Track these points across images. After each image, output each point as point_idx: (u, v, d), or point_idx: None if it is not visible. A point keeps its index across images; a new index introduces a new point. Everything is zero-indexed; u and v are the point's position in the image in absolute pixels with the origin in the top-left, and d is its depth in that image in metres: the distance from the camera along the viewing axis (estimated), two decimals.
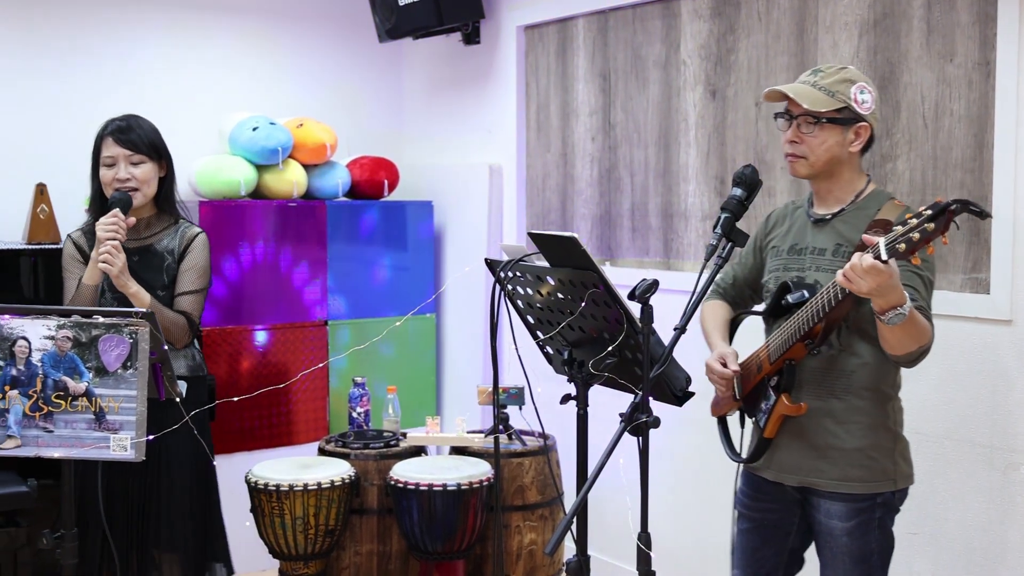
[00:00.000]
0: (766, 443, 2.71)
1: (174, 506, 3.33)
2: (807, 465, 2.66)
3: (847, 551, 2.62)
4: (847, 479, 2.61)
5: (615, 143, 4.41)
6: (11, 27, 4.56)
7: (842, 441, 2.61)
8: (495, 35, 4.94)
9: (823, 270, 2.62)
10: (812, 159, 2.61)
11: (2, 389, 2.60)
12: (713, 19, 3.96)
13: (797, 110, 2.61)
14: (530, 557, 4.05)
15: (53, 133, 4.62)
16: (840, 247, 2.61)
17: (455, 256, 5.18)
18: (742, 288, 2.95)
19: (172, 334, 3.26)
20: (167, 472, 3.31)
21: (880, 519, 2.62)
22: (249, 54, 5.14)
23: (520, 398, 4.08)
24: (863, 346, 2.59)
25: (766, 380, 2.70)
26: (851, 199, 2.65)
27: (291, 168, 4.74)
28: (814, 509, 2.68)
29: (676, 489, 4.08)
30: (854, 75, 2.60)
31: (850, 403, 2.60)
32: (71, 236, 3.40)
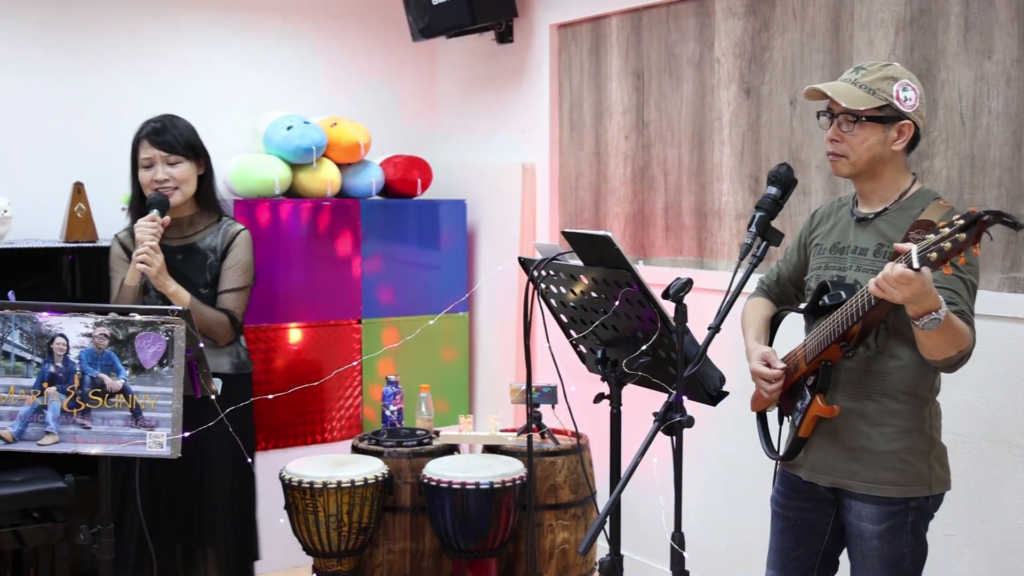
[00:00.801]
0: (801, 442, 2.69)
1: (216, 501, 3.35)
2: (840, 466, 2.64)
3: (877, 554, 2.60)
4: (879, 481, 2.58)
5: (648, 142, 4.40)
6: (48, 27, 4.61)
7: (875, 443, 2.58)
8: (528, 34, 4.94)
9: (864, 270, 2.59)
10: (853, 158, 2.58)
11: (40, 386, 2.62)
12: (747, 17, 3.93)
13: (837, 108, 2.57)
14: (563, 556, 4.04)
15: (90, 132, 4.66)
16: (882, 247, 2.57)
17: (488, 255, 5.18)
18: (786, 286, 2.93)
19: (215, 332, 3.29)
20: (209, 468, 3.34)
21: (913, 523, 2.59)
22: (284, 53, 5.17)
23: (553, 397, 4.08)
24: (902, 349, 2.55)
25: (803, 379, 2.68)
26: (895, 198, 2.61)
27: (325, 167, 4.76)
28: (846, 511, 2.66)
29: (710, 489, 4.06)
30: (897, 72, 2.56)
31: (885, 405, 2.58)
32: (118, 236, 3.44)
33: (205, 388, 2.75)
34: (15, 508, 3.84)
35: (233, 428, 2.98)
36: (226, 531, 3.38)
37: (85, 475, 4.00)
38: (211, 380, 2.77)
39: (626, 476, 2.32)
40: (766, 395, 2.73)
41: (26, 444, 2.64)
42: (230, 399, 3.13)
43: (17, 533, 3.84)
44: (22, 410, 2.62)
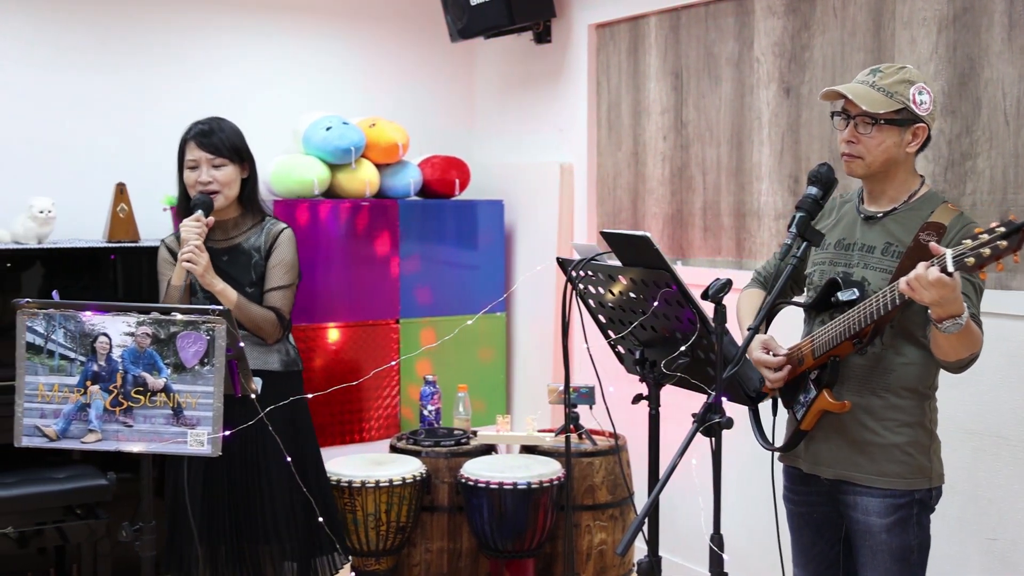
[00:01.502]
0: (801, 435, 2.71)
1: (275, 500, 3.37)
2: (844, 459, 2.65)
3: (887, 548, 2.60)
4: (884, 474, 2.60)
5: (687, 142, 4.38)
6: (91, 30, 4.67)
7: (880, 437, 2.61)
8: (566, 34, 4.93)
9: (871, 268, 2.61)
10: (869, 159, 2.60)
11: (84, 384, 2.65)
12: (787, 16, 3.91)
13: (855, 110, 2.59)
14: (600, 557, 4.03)
15: (132, 134, 4.72)
16: (890, 246, 2.60)
17: (526, 255, 5.18)
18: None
19: (263, 330, 3.32)
20: (264, 466, 3.36)
21: (918, 516, 2.62)
22: (323, 54, 5.20)
23: (590, 397, 4.07)
24: (907, 346, 2.58)
25: (806, 373, 2.68)
26: (905, 199, 2.64)
27: (363, 167, 4.78)
28: (851, 508, 2.66)
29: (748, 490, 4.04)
30: (913, 75, 2.58)
31: (889, 401, 2.60)
32: (164, 241, 3.49)
33: (245, 387, 2.77)
34: (59, 505, 3.89)
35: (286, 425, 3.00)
36: (288, 528, 3.39)
37: (127, 473, 4.04)
38: (251, 379, 2.79)
39: (665, 477, 2.31)
40: (770, 383, 2.73)
41: (69, 442, 2.67)
42: (281, 397, 3.15)
43: (60, 530, 3.89)
44: (66, 408, 2.66)
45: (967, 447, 3.25)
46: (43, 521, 3.87)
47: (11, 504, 3.80)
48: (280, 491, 3.38)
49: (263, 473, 3.37)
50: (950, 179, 3.37)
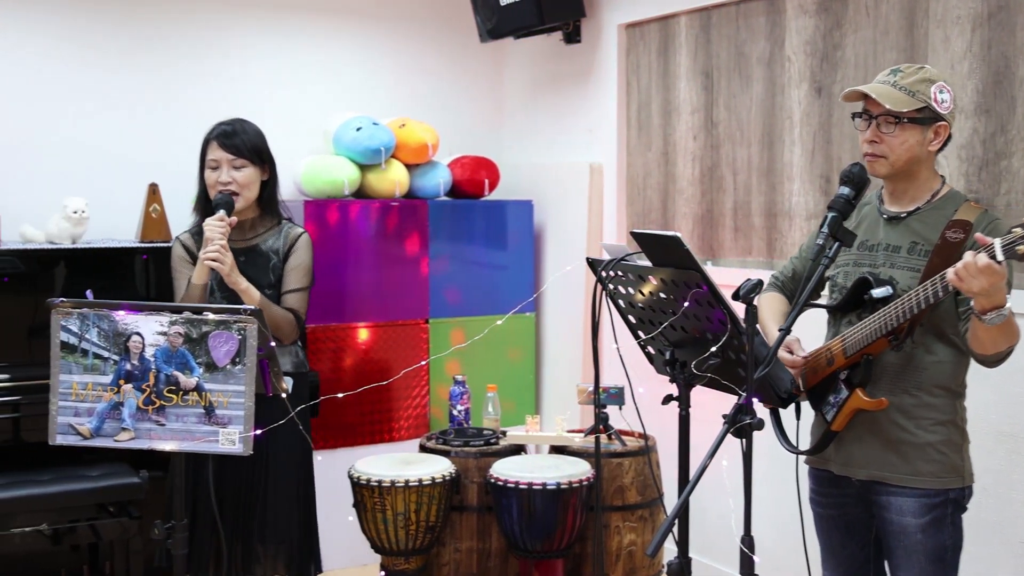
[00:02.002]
0: (831, 436, 2.70)
1: (280, 500, 3.40)
2: (877, 459, 2.64)
3: (922, 548, 2.59)
4: (919, 473, 2.59)
5: (717, 141, 4.36)
6: (125, 32, 4.70)
7: (914, 436, 2.60)
8: (596, 34, 4.93)
9: (898, 267, 2.61)
10: (892, 158, 2.60)
11: (117, 383, 2.68)
12: (819, 14, 3.88)
13: (877, 110, 2.60)
14: (629, 558, 4.02)
15: (164, 135, 4.75)
16: (916, 245, 2.60)
17: (555, 255, 5.17)
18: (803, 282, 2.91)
19: (282, 330, 3.35)
20: (273, 466, 3.39)
21: (952, 515, 2.61)
22: (353, 55, 5.22)
23: (620, 398, 4.06)
24: (938, 344, 2.58)
25: (836, 373, 2.66)
26: (927, 198, 2.64)
27: (393, 168, 4.80)
28: (883, 509, 2.65)
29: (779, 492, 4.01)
30: (933, 74, 2.59)
31: (921, 399, 2.60)
32: (179, 238, 3.51)
33: (276, 386, 2.78)
34: (92, 503, 3.92)
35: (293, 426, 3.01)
36: (290, 528, 3.42)
37: (159, 471, 4.07)
38: (282, 378, 2.80)
39: (695, 478, 2.30)
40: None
41: (103, 440, 2.70)
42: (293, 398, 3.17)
43: (94, 527, 3.92)
44: (99, 407, 2.68)
45: (1002, 449, 3.22)
46: (76, 519, 3.90)
47: (45, 501, 3.84)
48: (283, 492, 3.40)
49: (267, 473, 3.39)
50: (984, 179, 3.34)
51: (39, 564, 4.21)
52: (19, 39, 4.51)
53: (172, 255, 3.49)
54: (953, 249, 2.46)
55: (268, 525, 3.40)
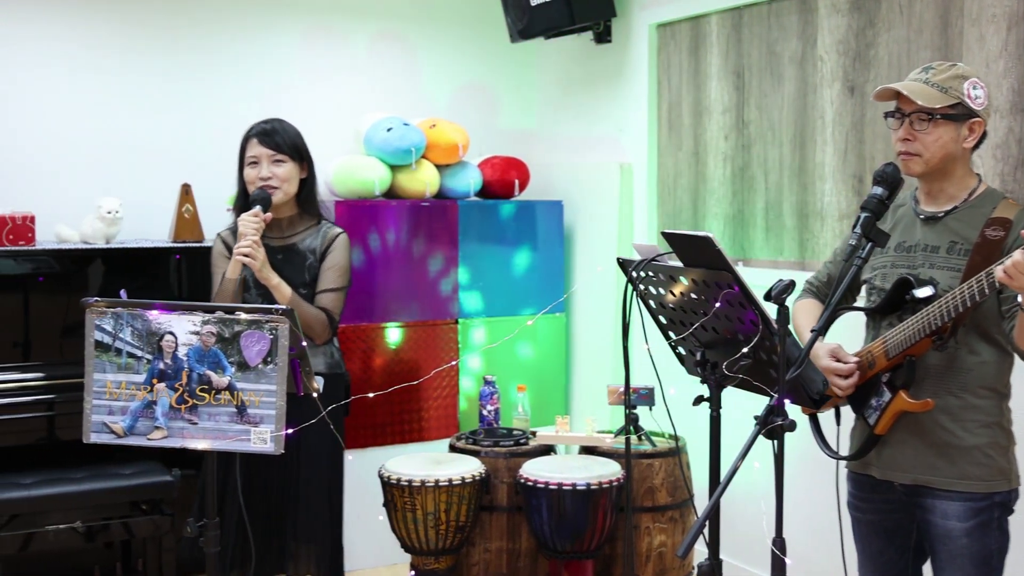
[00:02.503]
0: (874, 440, 2.67)
1: (312, 498, 3.42)
2: (922, 463, 2.61)
3: (967, 553, 2.56)
4: (965, 477, 2.56)
5: (749, 141, 4.34)
6: (156, 34, 4.74)
7: (960, 439, 2.57)
8: (627, 34, 4.92)
9: (938, 267, 2.58)
10: (927, 156, 2.58)
11: (150, 382, 2.70)
12: (852, 13, 3.86)
13: (909, 107, 2.57)
14: (660, 559, 4.01)
15: (197, 135, 4.78)
16: (955, 244, 2.57)
17: (585, 255, 5.17)
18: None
19: (313, 329, 3.36)
20: (305, 465, 3.40)
21: (998, 519, 2.58)
22: (383, 56, 5.23)
23: (650, 398, 4.05)
24: (982, 345, 2.55)
25: (878, 376, 2.64)
26: (964, 197, 2.61)
27: (424, 168, 4.81)
28: (928, 512, 2.62)
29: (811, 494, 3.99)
30: (966, 71, 2.57)
31: (967, 401, 2.56)
32: (220, 235, 3.54)
33: (307, 386, 2.80)
34: (125, 500, 3.96)
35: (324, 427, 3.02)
36: (322, 527, 3.43)
37: (190, 469, 4.10)
38: (313, 378, 2.82)
39: (726, 480, 2.29)
40: (840, 392, 2.69)
41: (136, 438, 2.72)
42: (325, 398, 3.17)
43: (126, 525, 3.96)
44: (133, 405, 2.70)
45: None
46: (110, 516, 3.94)
47: (79, 499, 3.88)
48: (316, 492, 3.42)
49: (300, 472, 3.40)
50: (1020, 179, 3.31)
51: (73, 561, 4.25)
52: (54, 42, 4.56)
53: (212, 251, 3.53)
54: (994, 247, 2.43)
55: (300, 524, 3.42)
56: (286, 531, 3.42)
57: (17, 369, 4.09)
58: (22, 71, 4.50)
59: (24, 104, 4.51)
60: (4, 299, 4.14)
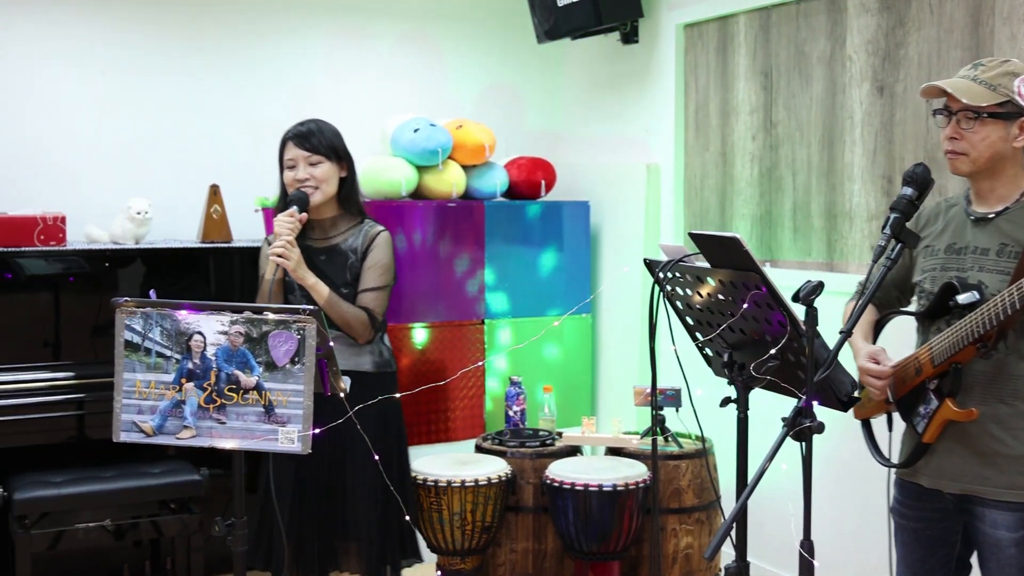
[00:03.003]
0: (923, 448, 2.62)
1: (359, 498, 3.42)
2: (971, 472, 2.56)
3: (1015, 563, 2.52)
4: (1015, 487, 2.51)
5: (776, 142, 4.32)
6: (185, 36, 4.77)
7: (1009, 447, 2.52)
8: (654, 34, 4.90)
9: (987, 270, 2.53)
10: (973, 155, 2.52)
11: (179, 382, 2.71)
12: (881, 13, 3.83)
13: (956, 105, 2.52)
14: (686, 561, 4.00)
15: (225, 136, 4.81)
16: (1005, 247, 2.52)
17: (611, 256, 5.16)
18: (889, 289, 2.83)
19: (354, 329, 3.37)
20: (350, 464, 3.41)
21: None
22: (410, 57, 5.24)
23: (677, 400, 4.04)
24: None
25: (925, 383, 2.60)
26: (1016, 197, 2.55)
27: (450, 169, 4.81)
28: (977, 520, 2.57)
29: (839, 497, 3.97)
30: (1018, 68, 2.50)
31: (1018, 408, 2.51)
32: (268, 238, 3.57)
33: (334, 386, 2.80)
34: (154, 499, 3.99)
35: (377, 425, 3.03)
36: (369, 527, 3.43)
37: (218, 468, 4.13)
38: (340, 378, 2.82)
39: (753, 481, 2.28)
40: (874, 394, 2.66)
41: (165, 437, 2.73)
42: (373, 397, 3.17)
43: (155, 523, 3.99)
44: (162, 405, 2.72)
45: None
46: (139, 515, 3.97)
47: (109, 497, 3.91)
48: (364, 490, 3.42)
49: (348, 472, 3.41)
50: None
51: (102, 559, 4.29)
52: (86, 43, 4.60)
53: (260, 254, 3.57)
54: None
55: (348, 523, 3.42)
56: (335, 530, 3.43)
57: (48, 368, 4.13)
58: (53, 72, 4.55)
59: (55, 105, 4.55)
60: (35, 299, 4.18)
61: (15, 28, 4.47)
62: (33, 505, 3.79)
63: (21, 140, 4.50)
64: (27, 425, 4.01)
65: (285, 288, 3.39)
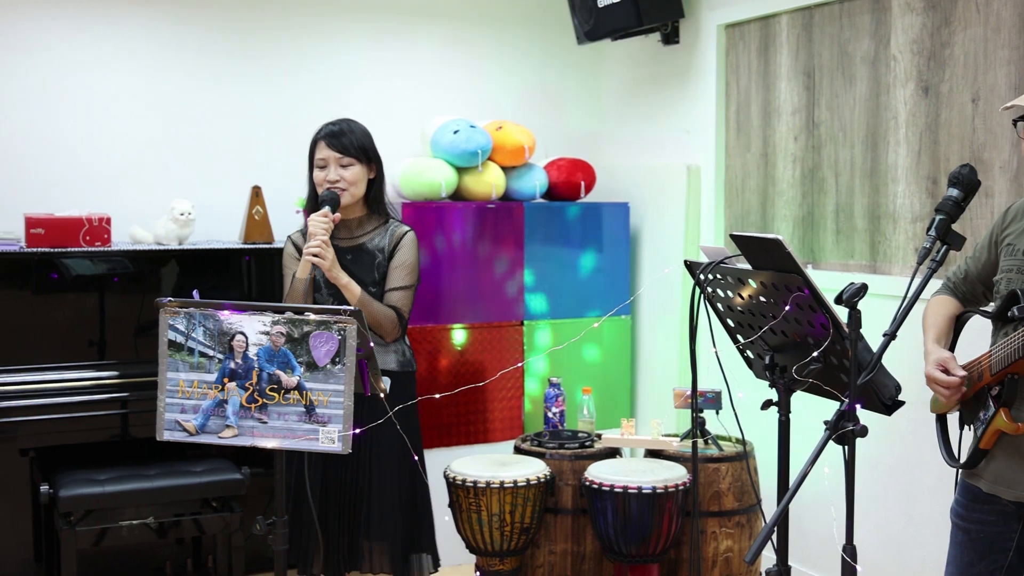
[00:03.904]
0: (981, 453, 2.58)
1: (384, 497, 3.44)
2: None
3: None
4: None
5: (819, 143, 4.29)
6: (227, 38, 4.81)
7: None
8: (695, 34, 4.88)
9: None
10: None
11: (221, 381, 2.74)
12: (927, 12, 3.79)
13: None
14: (726, 564, 3.98)
15: (267, 138, 4.85)
16: None
17: (651, 257, 5.14)
18: (974, 284, 2.78)
19: (383, 328, 3.39)
20: (377, 464, 3.43)
21: None
22: (450, 58, 5.26)
23: (717, 402, 4.02)
24: None
25: (987, 388, 2.56)
26: None
27: (490, 170, 4.82)
28: None
29: (882, 501, 3.93)
30: None
31: None
32: (291, 237, 3.59)
33: (374, 386, 2.82)
34: (196, 498, 4.02)
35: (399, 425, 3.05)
36: (394, 526, 3.46)
37: (259, 468, 4.16)
38: (380, 378, 2.83)
39: (795, 485, 2.26)
40: (943, 401, 2.62)
41: (207, 436, 2.76)
42: (395, 396, 3.21)
43: (197, 522, 4.02)
44: (204, 404, 2.74)
45: None
46: (181, 513, 4.00)
47: (152, 495, 3.95)
48: (387, 489, 3.44)
49: (373, 471, 3.43)
50: None
51: (145, 556, 4.33)
52: (130, 46, 4.65)
53: (283, 253, 3.58)
54: None
55: (372, 522, 3.44)
56: (358, 529, 3.45)
57: (92, 367, 4.18)
58: (99, 75, 4.60)
59: (102, 108, 4.61)
60: (80, 299, 4.23)
61: (64, 31, 4.53)
62: (78, 502, 3.83)
63: (68, 143, 4.56)
64: (73, 424, 4.06)
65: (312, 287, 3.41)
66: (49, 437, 4.04)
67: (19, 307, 4.12)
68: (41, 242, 4.11)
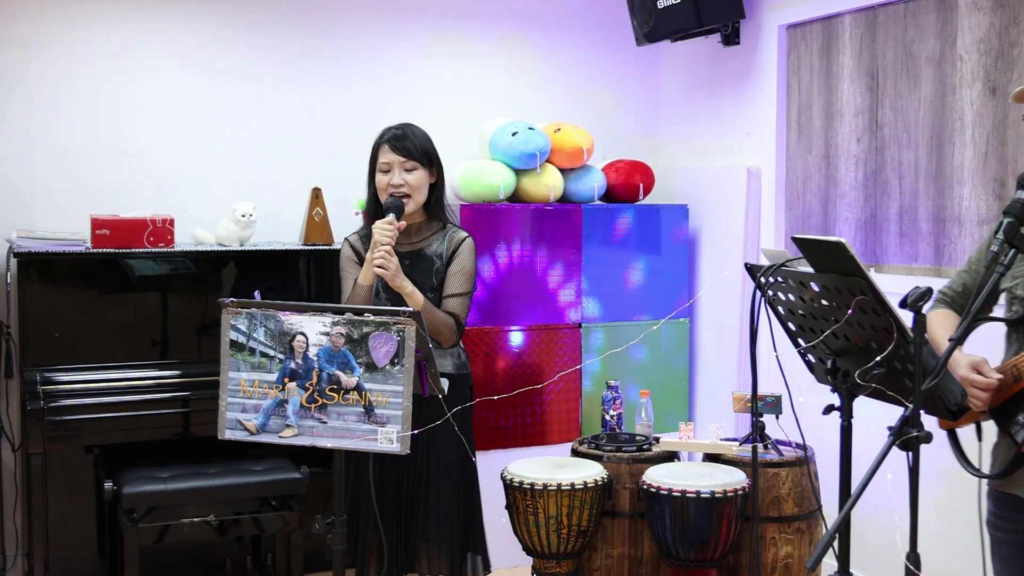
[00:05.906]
0: (1021, 458, 2.52)
1: (440, 499, 3.45)
2: None
3: None
4: None
5: (882, 144, 4.22)
6: (288, 43, 4.86)
7: None
8: (755, 35, 4.84)
9: None
10: None
11: (282, 381, 2.76)
12: (994, 11, 3.72)
13: None
14: (785, 570, 3.93)
15: (327, 140, 4.89)
16: None
17: (709, 260, 5.10)
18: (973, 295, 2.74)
19: (442, 334, 3.39)
20: (434, 466, 3.44)
21: None
22: (509, 61, 5.26)
23: (777, 407, 3.97)
24: None
25: (1021, 393, 2.51)
26: None
27: (548, 172, 4.81)
28: None
29: (946, 508, 3.86)
30: None
31: None
32: (348, 239, 3.60)
33: (433, 387, 2.83)
34: (256, 496, 4.07)
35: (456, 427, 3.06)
36: (451, 528, 3.46)
37: (318, 467, 4.19)
38: (439, 380, 2.84)
39: (858, 491, 2.23)
40: (976, 405, 2.57)
41: (268, 436, 2.78)
42: (451, 398, 3.22)
43: (257, 520, 4.06)
44: (265, 403, 2.77)
45: None
46: (241, 511, 4.05)
47: (213, 494, 3.99)
48: (444, 491, 3.45)
49: (430, 473, 3.44)
50: None
51: (206, 554, 4.39)
52: (193, 50, 4.72)
53: (340, 255, 3.58)
54: None
55: (430, 524, 3.45)
56: (415, 531, 3.46)
57: (155, 366, 4.25)
58: (164, 78, 4.67)
59: (166, 111, 4.68)
60: (144, 299, 4.30)
61: (127, 36, 4.61)
62: (141, 499, 3.89)
63: (133, 145, 4.63)
64: (136, 422, 4.12)
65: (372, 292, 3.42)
66: (113, 435, 4.10)
67: (84, 306, 4.20)
68: (106, 243, 4.19)
